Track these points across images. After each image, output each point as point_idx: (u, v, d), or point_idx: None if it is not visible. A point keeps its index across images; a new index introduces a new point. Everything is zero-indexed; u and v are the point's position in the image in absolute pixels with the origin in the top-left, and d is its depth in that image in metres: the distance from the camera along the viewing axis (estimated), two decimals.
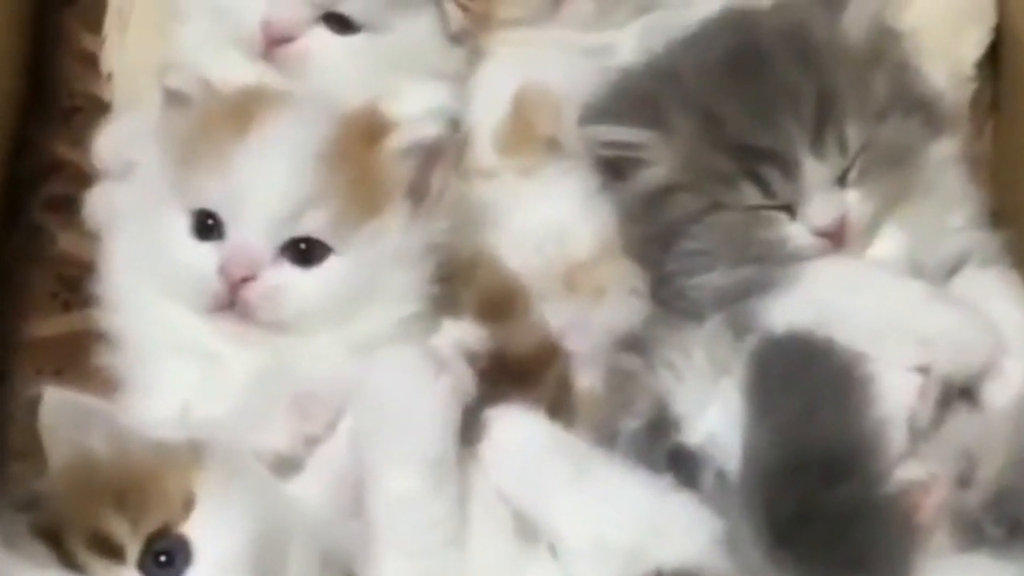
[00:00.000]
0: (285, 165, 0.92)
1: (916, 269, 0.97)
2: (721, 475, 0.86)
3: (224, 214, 0.92)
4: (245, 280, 0.91)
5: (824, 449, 0.84)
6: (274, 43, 1.01)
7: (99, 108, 1.14)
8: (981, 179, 1.10)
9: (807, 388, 0.86)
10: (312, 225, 0.92)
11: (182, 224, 0.93)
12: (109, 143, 1.07)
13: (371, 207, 0.93)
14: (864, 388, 0.86)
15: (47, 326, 1.09)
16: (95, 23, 1.16)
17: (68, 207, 1.10)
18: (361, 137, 0.94)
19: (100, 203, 1.06)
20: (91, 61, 1.16)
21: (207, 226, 0.93)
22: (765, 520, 0.82)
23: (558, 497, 0.85)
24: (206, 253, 0.92)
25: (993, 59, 1.14)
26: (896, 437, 0.87)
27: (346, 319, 0.93)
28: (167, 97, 0.97)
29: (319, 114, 0.95)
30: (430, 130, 0.95)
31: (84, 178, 1.10)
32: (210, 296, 0.92)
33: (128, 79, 1.14)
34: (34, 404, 0.81)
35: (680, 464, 0.88)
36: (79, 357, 1.00)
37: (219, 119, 0.94)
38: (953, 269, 0.99)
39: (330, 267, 0.92)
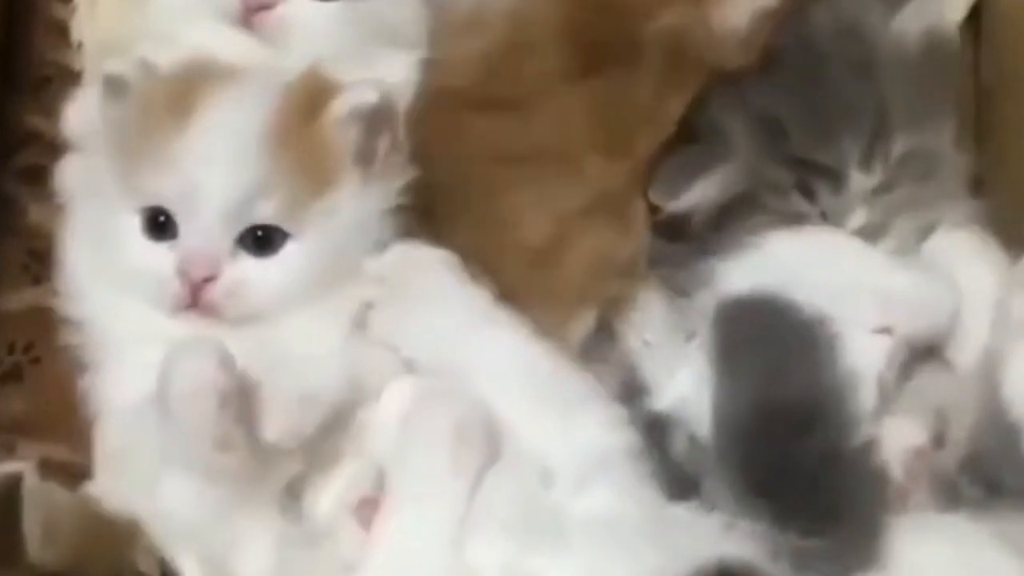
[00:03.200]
0: (229, 156, 0.89)
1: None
2: (693, 439, 0.87)
3: (175, 211, 0.90)
4: (206, 280, 0.89)
5: (793, 403, 0.85)
6: (253, 10, 1.00)
7: (70, 78, 1.13)
8: (963, 143, 1.11)
9: (773, 346, 0.87)
10: (265, 213, 0.90)
11: (134, 224, 0.91)
12: (80, 114, 1.05)
13: (321, 183, 0.91)
14: (829, 344, 0.87)
15: (18, 299, 1.08)
16: None
17: (40, 178, 1.08)
18: (303, 109, 0.92)
19: (70, 175, 1.04)
20: (61, 30, 1.15)
21: (159, 223, 0.91)
22: (738, 474, 0.83)
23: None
24: (162, 254, 0.90)
25: (975, 22, 1.13)
26: (866, 396, 0.88)
27: (315, 299, 0.92)
28: (106, 85, 0.93)
29: (259, 92, 0.92)
30: (370, 95, 0.92)
31: (56, 149, 1.08)
32: (171, 298, 0.90)
33: (99, 48, 1.12)
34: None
35: (652, 429, 0.88)
36: (50, 330, 0.99)
37: (157, 111, 0.91)
38: (927, 232, 0.99)
39: (289, 253, 0.91)
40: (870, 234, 0.97)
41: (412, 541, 0.87)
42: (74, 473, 0.99)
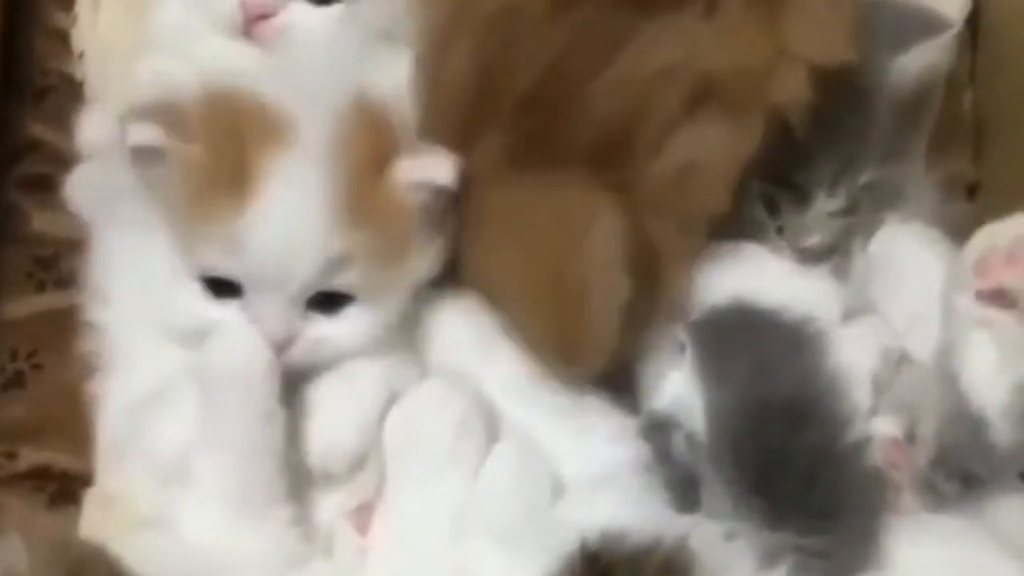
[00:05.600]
0: (302, 231, 0.85)
1: None
2: (690, 437, 0.87)
3: (242, 283, 0.86)
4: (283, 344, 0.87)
5: (785, 398, 0.85)
6: (254, 20, 0.99)
7: (72, 87, 1.13)
8: (959, 152, 1.12)
9: (757, 347, 0.87)
10: (343, 282, 0.87)
11: (194, 288, 0.87)
12: (93, 126, 1.04)
13: (396, 249, 0.88)
14: (815, 342, 0.88)
15: (21, 306, 1.08)
16: (67, 0, 1.15)
17: (43, 186, 1.09)
18: (366, 168, 0.86)
19: (81, 185, 1.04)
20: (63, 39, 1.15)
21: (223, 282, 0.87)
22: (734, 474, 0.84)
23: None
24: (229, 314, 0.87)
25: (971, 30, 1.13)
26: (860, 393, 0.89)
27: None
28: (137, 156, 0.85)
29: (315, 156, 0.85)
30: (444, 175, 0.87)
31: (59, 157, 1.08)
32: None
33: (101, 58, 1.12)
34: None
35: (652, 430, 0.89)
36: (54, 337, 1.00)
37: (206, 182, 0.85)
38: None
39: (353, 313, 0.88)
40: (817, 254, 0.98)
41: (414, 528, 0.88)
42: (76, 480, 1.01)
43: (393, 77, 0.97)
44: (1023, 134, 1.08)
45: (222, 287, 0.87)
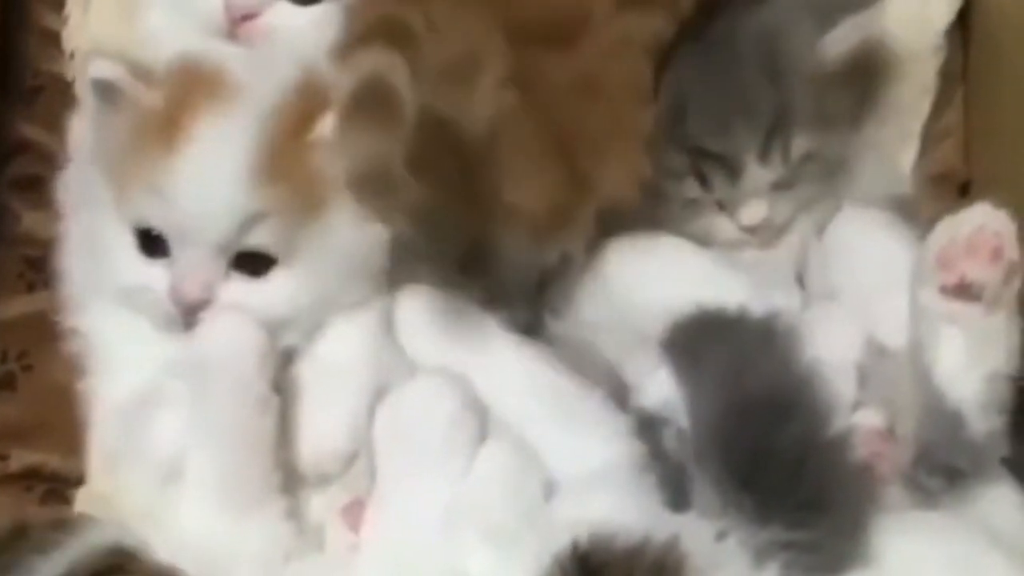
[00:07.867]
0: (221, 189, 0.87)
1: None
2: (681, 432, 0.87)
3: (166, 235, 0.88)
4: (200, 304, 0.88)
5: (766, 393, 0.85)
6: (238, 21, 0.99)
7: (62, 87, 1.13)
8: (951, 150, 1.11)
9: (731, 347, 0.87)
10: (258, 240, 0.88)
11: (128, 241, 0.89)
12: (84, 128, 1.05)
13: (314, 206, 0.89)
14: (788, 337, 0.88)
15: (12, 306, 1.08)
16: (57, 1, 1.15)
17: (33, 187, 1.09)
18: (294, 129, 0.88)
19: (69, 185, 1.04)
20: (54, 39, 1.15)
21: (152, 239, 0.89)
22: (721, 471, 0.84)
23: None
24: (156, 273, 0.89)
25: (963, 26, 1.13)
26: (845, 384, 0.89)
27: (315, 320, 0.92)
28: (97, 90, 0.89)
29: (249, 115, 0.88)
30: None
31: (49, 158, 1.08)
32: (165, 318, 0.89)
33: (91, 58, 1.12)
34: None
35: (644, 427, 0.89)
36: (44, 338, 1.00)
37: (147, 132, 0.88)
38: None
39: (277, 277, 0.89)
40: (777, 229, 0.99)
41: (405, 524, 0.88)
42: (67, 480, 1.01)
43: None
44: (1015, 132, 1.07)
45: (155, 247, 0.89)
